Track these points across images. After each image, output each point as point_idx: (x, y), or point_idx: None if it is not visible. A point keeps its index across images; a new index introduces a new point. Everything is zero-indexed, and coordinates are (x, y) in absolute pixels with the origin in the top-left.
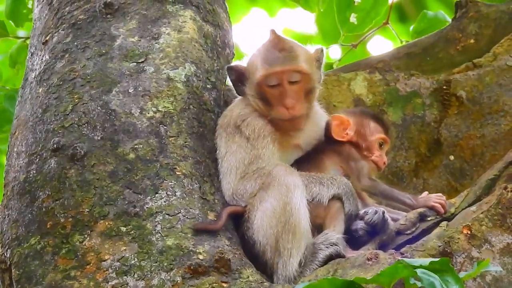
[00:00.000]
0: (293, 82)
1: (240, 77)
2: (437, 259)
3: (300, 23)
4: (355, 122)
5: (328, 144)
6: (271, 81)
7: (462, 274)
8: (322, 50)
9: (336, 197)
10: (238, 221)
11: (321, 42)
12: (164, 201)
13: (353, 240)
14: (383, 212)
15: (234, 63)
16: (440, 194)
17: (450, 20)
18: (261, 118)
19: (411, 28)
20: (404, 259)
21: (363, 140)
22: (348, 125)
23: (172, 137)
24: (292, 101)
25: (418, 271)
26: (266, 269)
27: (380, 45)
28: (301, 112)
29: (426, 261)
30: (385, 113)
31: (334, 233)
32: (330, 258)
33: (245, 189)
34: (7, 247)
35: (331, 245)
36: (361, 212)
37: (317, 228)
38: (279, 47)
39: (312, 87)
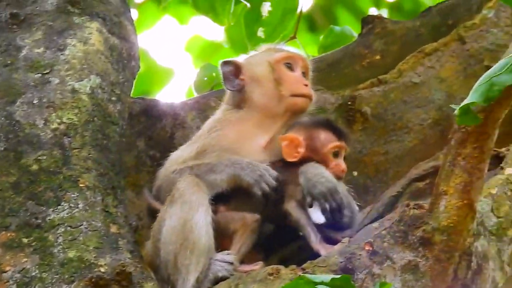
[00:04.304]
0: (304, 73)
1: (236, 70)
2: (338, 276)
3: (210, 31)
4: (305, 137)
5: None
6: (288, 61)
7: None
8: None
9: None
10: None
11: (231, 51)
12: (67, 213)
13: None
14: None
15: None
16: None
17: (356, 35)
18: (236, 122)
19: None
20: (305, 275)
21: (316, 154)
22: (299, 143)
23: (75, 149)
24: (307, 84)
25: (319, 287)
26: (168, 284)
27: None
28: (313, 97)
29: (328, 277)
30: None
31: (233, 252)
32: (221, 278)
33: (164, 185)
34: None
35: (225, 264)
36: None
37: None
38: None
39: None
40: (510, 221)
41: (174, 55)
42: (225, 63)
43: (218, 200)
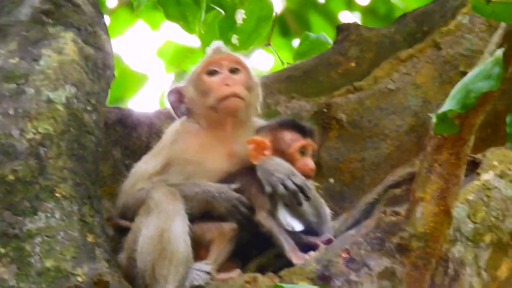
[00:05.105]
0: (233, 71)
1: (179, 97)
2: (316, 287)
3: (185, 37)
4: (271, 139)
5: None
6: (210, 68)
7: None
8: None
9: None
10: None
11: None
12: (43, 223)
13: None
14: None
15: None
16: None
17: (332, 42)
18: (196, 134)
19: (294, 44)
20: (282, 284)
21: (282, 155)
22: (265, 145)
23: (51, 158)
24: (233, 81)
25: None
26: None
27: (263, 59)
28: (241, 93)
29: (306, 286)
30: None
31: (210, 262)
32: (197, 287)
33: (133, 199)
34: None
35: (201, 273)
36: None
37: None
38: (219, 51)
39: (252, 86)
40: (487, 227)
41: (147, 60)
42: (170, 92)
43: None
